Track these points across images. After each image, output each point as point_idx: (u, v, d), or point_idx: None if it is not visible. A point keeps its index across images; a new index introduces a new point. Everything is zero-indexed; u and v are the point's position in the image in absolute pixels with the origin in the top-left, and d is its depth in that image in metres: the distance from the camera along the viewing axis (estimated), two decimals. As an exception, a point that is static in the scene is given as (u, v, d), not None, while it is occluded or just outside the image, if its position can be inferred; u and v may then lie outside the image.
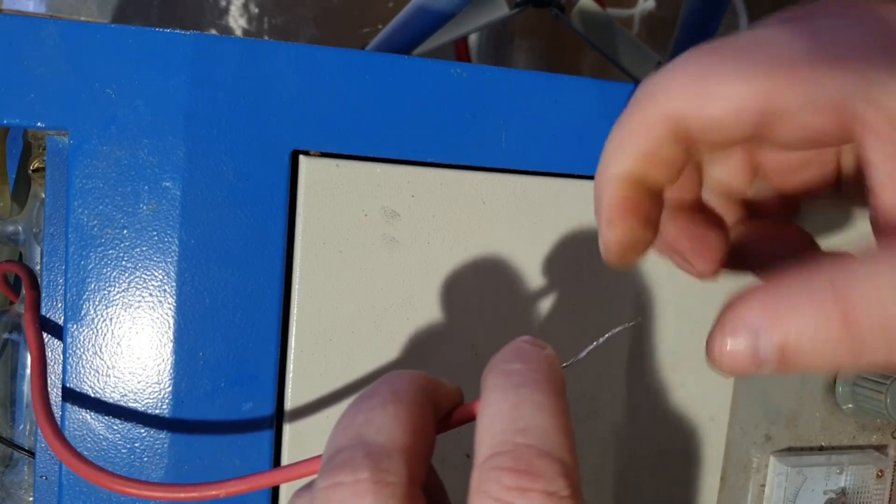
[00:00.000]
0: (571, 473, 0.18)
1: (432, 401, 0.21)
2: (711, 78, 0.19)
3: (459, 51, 0.84)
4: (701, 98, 0.19)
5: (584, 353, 0.22)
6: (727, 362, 0.18)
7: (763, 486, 0.39)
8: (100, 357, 0.29)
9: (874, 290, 0.17)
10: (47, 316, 0.32)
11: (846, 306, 0.17)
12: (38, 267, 0.36)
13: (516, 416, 0.18)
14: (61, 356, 0.30)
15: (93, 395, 0.29)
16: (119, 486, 0.25)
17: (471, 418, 0.21)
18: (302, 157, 0.30)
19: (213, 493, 0.24)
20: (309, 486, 0.20)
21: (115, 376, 0.29)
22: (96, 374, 0.29)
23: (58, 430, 0.26)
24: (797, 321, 0.17)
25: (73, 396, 0.29)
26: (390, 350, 0.32)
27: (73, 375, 0.29)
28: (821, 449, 0.40)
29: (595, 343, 0.22)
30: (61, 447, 0.26)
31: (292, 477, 0.23)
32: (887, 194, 0.18)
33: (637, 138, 0.21)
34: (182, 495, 0.24)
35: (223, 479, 0.24)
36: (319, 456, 0.21)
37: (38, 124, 0.28)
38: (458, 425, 0.22)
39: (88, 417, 0.29)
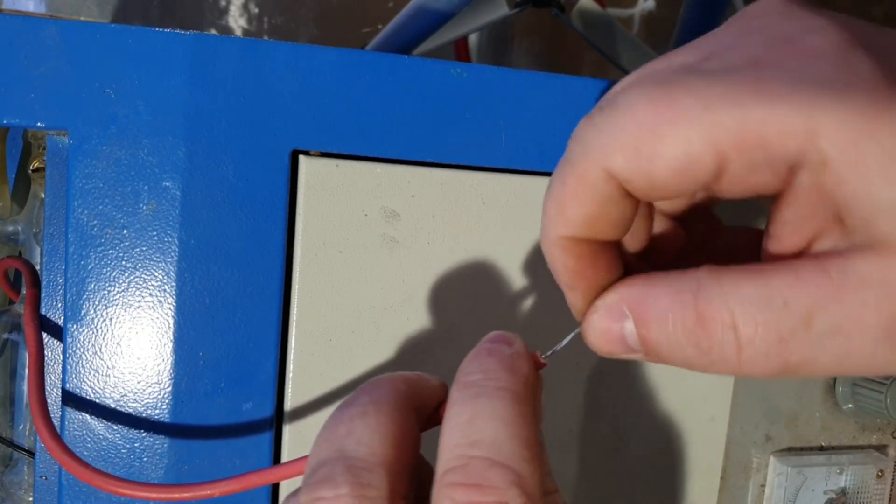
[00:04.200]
0: (526, 482, 0.18)
1: (414, 403, 0.21)
2: (655, 132, 0.17)
3: (459, 51, 0.84)
4: (642, 158, 0.17)
5: (564, 343, 0.22)
6: (602, 342, 0.19)
7: (763, 486, 0.39)
8: (100, 357, 0.29)
9: (732, 301, 0.17)
10: (47, 316, 0.32)
11: (703, 309, 0.17)
12: (38, 267, 0.36)
13: (470, 429, 0.18)
14: (61, 356, 0.30)
15: (93, 395, 0.29)
16: (112, 486, 0.25)
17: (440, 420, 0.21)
18: (302, 157, 0.30)
19: (207, 492, 0.24)
20: (295, 493, 0.20)
21: (115, 376, 0.29)
22: (96, 374, 0.29)
23: (53, 428, 0.26)
24: (658, 314, 0.18)
25: (73, 396, 0.29)
26: (390, 350, 0.32)
27: (73, 375, 0.29)
28: (821, 449, 0.40)
29: (574, 332, 0.22)
30: (55, 446, 0.26)
31: (284, 476, 0.23)
32: (780, 244, 0.18)
33: (578, 202, 0.19)
34: (176, 496, 0.25)
35: (216, 479, 0.24)
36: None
37: (38, 124, 0.28)
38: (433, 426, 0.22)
39: (88, 417, 0.29)
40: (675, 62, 0.19)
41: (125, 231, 0.29)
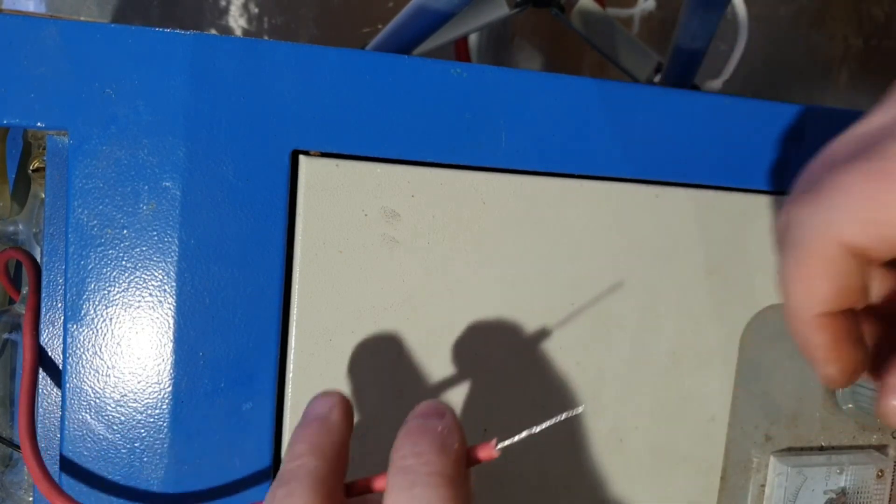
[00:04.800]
0: None
1: (337, 480, 0.22)
2: (881, 201, 0.19)
3: (459, 51, 0.84)
4: (877, 226, 0.20)
5: (518, 438, 0.23)
6: None
7: (763, 486, 0.39)
8: (100, 357, 0.29)
9: None
10: (47, 316, 0.32)
11: None
12: (38, 267, 0.36)
13: None
14: (61, 356, 0.30)
15: (93, 395, 0.29)
16: None
17: (370, 490, 0.23)
18: (302, 157, 0.30)
19: None
20: None
21: (115, 376, 0.29)
22: (96, 374, 0.29)
23: (35, 446, 0.27)
24: None
25: (73, 396, 0.29)
26: (390, 350, 0.32)
27: (73, 375, 0.29)
28: (821, 449, 0.40)
29: (530, 431, 0.22)
30: (36, 465, 0.26)
31: None
32: None
33: (825, 278, 0.21)
34: None
35: None
36: None
37: (38, 124, 0.28)
38: (362, 493, 0.24)
39: (88, 417, 0.29)
40: (873, 124, 0.21)
41: (125, 231, 0.29)
